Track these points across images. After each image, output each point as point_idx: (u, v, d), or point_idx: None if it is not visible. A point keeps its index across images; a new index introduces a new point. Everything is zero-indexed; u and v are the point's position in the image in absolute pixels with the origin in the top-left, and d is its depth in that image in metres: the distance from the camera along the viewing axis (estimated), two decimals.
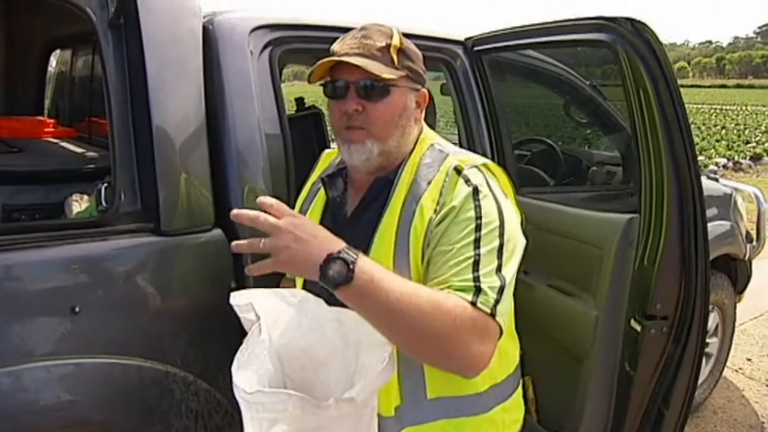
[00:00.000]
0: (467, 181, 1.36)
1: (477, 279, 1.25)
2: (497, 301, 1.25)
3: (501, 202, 1.36)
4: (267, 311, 1.32)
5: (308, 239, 1.16)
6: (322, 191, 1.57)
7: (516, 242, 1.35)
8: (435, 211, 1.34)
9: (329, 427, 1.19)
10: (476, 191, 1.34)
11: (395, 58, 1.40)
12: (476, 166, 1.41)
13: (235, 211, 1.19)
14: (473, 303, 1.22)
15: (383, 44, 1.39)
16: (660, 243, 1.94)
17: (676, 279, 1.99)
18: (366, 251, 1.34)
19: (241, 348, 1.26)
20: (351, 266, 1.14)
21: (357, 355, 1.30)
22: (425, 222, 1.34)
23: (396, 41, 1.41)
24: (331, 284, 1.15)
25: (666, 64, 1.89)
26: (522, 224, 1.42)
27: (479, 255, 1.27)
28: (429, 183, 1.38)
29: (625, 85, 1.95)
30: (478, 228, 1.30)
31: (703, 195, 1.94)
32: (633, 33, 1.90)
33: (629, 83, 1.93)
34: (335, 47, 1.42)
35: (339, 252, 1.15)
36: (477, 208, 1.31)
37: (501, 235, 1.31)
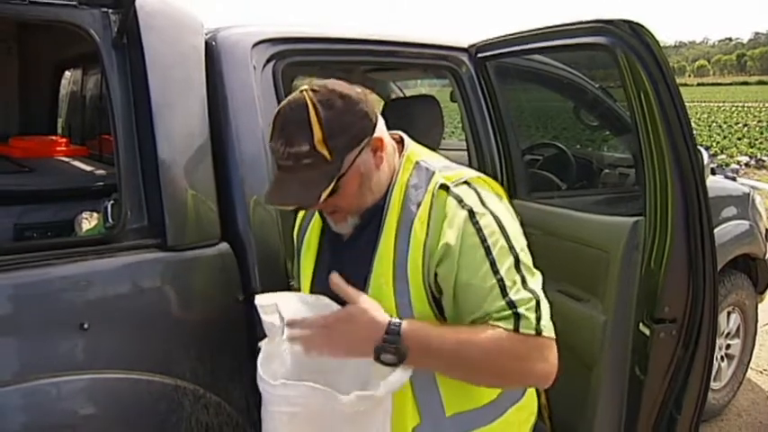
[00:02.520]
0: (460, 201, 1.35)
1: (511, 304, 1.29)
2: (539, 318, 1.30)
3: (499, 214, 1.36)
4: (291, 314, 1.34)
5: (354, 332, 1.29)
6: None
7: (524, 247, 1.38)
8: (427, 233, 1.35)
9: (344, 426, 1.22)
10: (471, 213, 1.34)
11: (325, 153, 1.29)
12: (464, 182, 1.39)
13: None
14: (516, 330, 1.28)
15: (307, 148, 1.28)
16: (666, 245, 1.93)
17: (684, 281, 1.97)
18: (367, 276, 1.39)
19: (264, 346, 1.29)
20: (400, 352, 1.25)
21: (370, 361, 1.31)
22: (421, 245, 1.35)
23: (317, 135, 1.28)
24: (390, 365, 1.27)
25: (665, 65, 1.88)
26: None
27: (501, 278, 1.30)
28: (418, 205, 1.37)
29: (625, 87, 1.94)
30: (488, 251, 1.31)
31: (708, 196, 1.92)
32: (631, 35, 1.89)
33: (630, 85, 1.92)
34: (271, 161, 1.53)
35: (384, 341, 1.26)
36: (480, 231, 1.32)
37: (511, 248, 1.33)
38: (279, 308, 1.34)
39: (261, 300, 1.37)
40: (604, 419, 2.15)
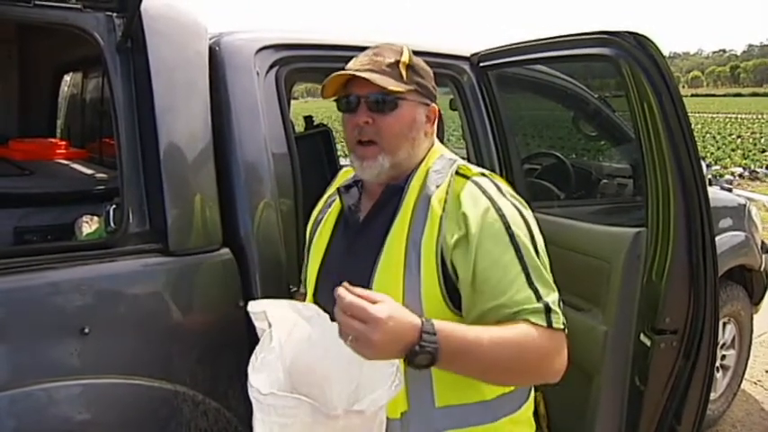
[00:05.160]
0: (479, 187, 1.40)
1: (538, 294, 1.32)
2: (562, 313, 1.35)
3: (518, 205, 1.41)
4: (280, 321, 1.34)
5: (391, 332, 1.15)
6: (337, 201, 1.61)
7: (538, 237, 1.40)
8: (444, 209, 1.38)
9: None
10: (493, 202, 1.37)
11: (404, 73, 1.44)
12: (483, 174, 1.45)
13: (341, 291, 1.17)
14: (549, 326, 1.31)
15: (392, 60, 1.44)
16: (668, 256, 1.93)
17: (685, 292, 1.97)
18: (377, 255, 1.41)
19: (255, 352, 1.29)
20: (434, 354, 1.19)
21: (360, 369, 1.30)
22: (437, 221, 1.38)
23: (405, 58, 1.45)
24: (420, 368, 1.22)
25: (669, 76, 1.89)
26: None
27: (526, 266, 1.33)
28: (437, 186, 1.42)
29: (629, 98, 1.95)
30: (512, 238, 1.34)
31: (710, 208, 1.93)
32: (635, 47, 1.90)
33: (633, 96, 1.93)
34: (349, 64, 1.47)
35: (421, 342, 1.18)
36: (503, 218, 1.35)
37: (532, 237, 1.37)
38: (267, 315, 1.34)
39: (252, 306, 1.37)
40: (604, 430, 2.14)
